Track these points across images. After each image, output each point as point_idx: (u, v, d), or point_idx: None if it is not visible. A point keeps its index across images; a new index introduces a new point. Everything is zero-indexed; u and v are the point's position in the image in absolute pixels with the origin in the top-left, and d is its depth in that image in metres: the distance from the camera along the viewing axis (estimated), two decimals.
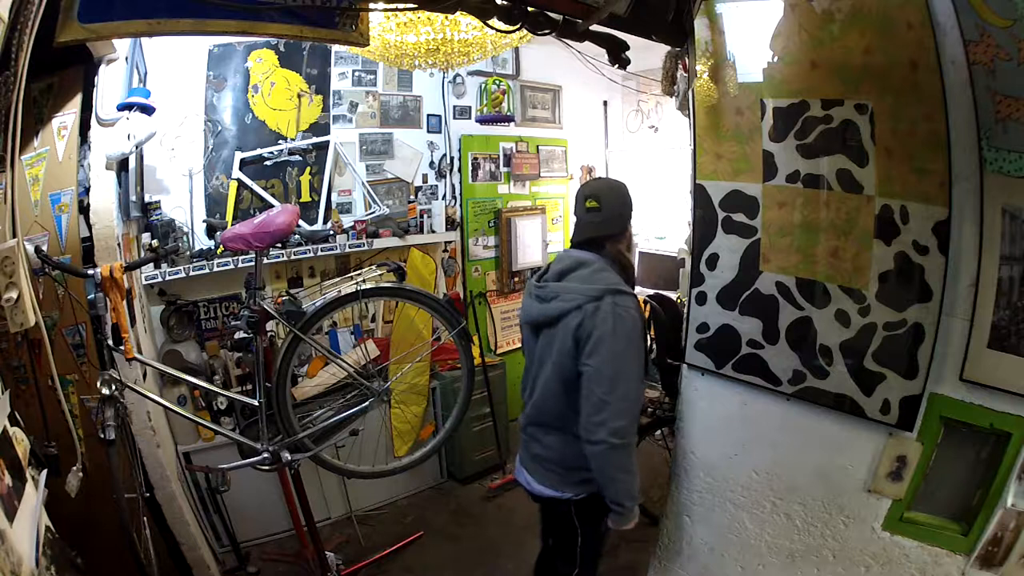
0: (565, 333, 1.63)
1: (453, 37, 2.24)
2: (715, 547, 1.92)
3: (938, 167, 1.36)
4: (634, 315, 1.63)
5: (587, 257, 1.71)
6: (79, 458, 1.69)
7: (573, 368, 1.63)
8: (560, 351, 1.65)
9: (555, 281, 1.72)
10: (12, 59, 1.24)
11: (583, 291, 1.63)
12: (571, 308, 1.62)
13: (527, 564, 2.77)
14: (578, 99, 4.40)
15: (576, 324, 1.60)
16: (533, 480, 1.82)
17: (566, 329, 1.63)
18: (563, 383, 1.67)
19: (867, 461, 1.55)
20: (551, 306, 1.68)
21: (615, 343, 1.56)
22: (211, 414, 2.68)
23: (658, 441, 3.08)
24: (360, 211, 3.26)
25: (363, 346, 3.08)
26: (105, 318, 1.78)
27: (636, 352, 1.63)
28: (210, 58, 2.69)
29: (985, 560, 1.38)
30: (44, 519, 1.22)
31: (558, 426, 1.72)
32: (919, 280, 1.42)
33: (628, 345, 1.59)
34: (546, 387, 1.72)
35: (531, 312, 1.77)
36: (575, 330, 1.60)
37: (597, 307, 1.59)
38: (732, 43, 1.69)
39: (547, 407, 1.74)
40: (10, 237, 1.32)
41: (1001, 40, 1.21)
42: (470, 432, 3.39)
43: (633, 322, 1.62)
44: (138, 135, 2.12)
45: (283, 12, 1.46)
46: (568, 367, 1.64)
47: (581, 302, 1.61)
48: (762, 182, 1.66)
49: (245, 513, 2.68)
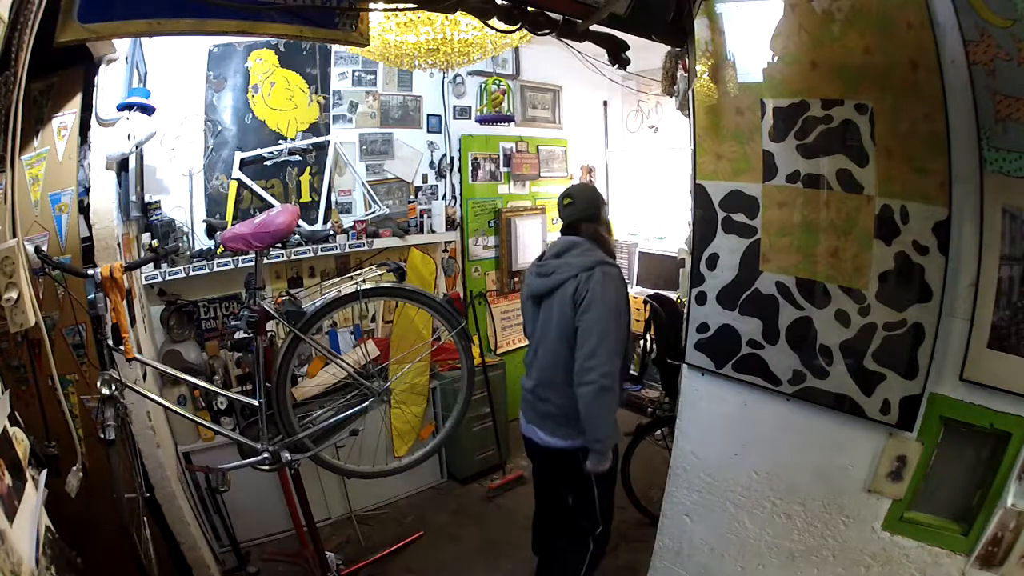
0: (563, 299, 1.95)
1: (453, 37, 2.24)
2: (715, 547, 1.92)
3: (938, 167, 1.36)
4: (618, 283, 1.97)
5: (577, 240, 2.05)
6: (79, 458, 1.69)
7: (572, 328, 1.93)
8: (560, 314, 1.96)
9: (554, 259, 2.05)
10: (12, 59, 1.24)
11: (578, 264, 1.96)
12: (568, 277, 1.95)
13: (527, 564, 2.78)
14: (578, 99, 4.40)
15: (573, 289, 1.93)
16: (544, 434, 2.06)
17: (564, 295, 1.95)
18: (566, 343, 1.96)
19: (867, 461, 1.55)
20: (551, 279, 2.00)
21: (605, 302, 1.89)
22: (211, 414, 2.68)
23: (658, 441, 3.08)
24: (360, 211, 3.26)
25: (363, 346, 3.09)
26: (105, 318, 1.78)
27: (622, 311, 1.96)
28: (210, 58, 2.69)
29: (985, 560, 1.38)
30: (44, 519, 1.22)
31: (568, 381, 1.95)
32: (919, 280, 1.42)
33: (616, 304, 1.93)
34: (552, 350, 2.00)
35: (533, 286, 2.09)
36: (572, 294, 1.93)
37: (590, 275, 1.92)
38: (732, 43, 1.68)
39: (554, 367, 2.00)
40: (10, 237, 1.31)
41: (1001, 40, 1.21)
42: (470, 432, 3.39)
43: (618, 287, 1.96)
44: (138, 135, 2.13)
45: (283, 12, 1.46)
46: (568, 328, 1.94)
47: (577, 271, 1.94)
48: (762, 182, 1.66)
49: (245, 513, 2.68)
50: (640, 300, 3.17)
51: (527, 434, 2.15)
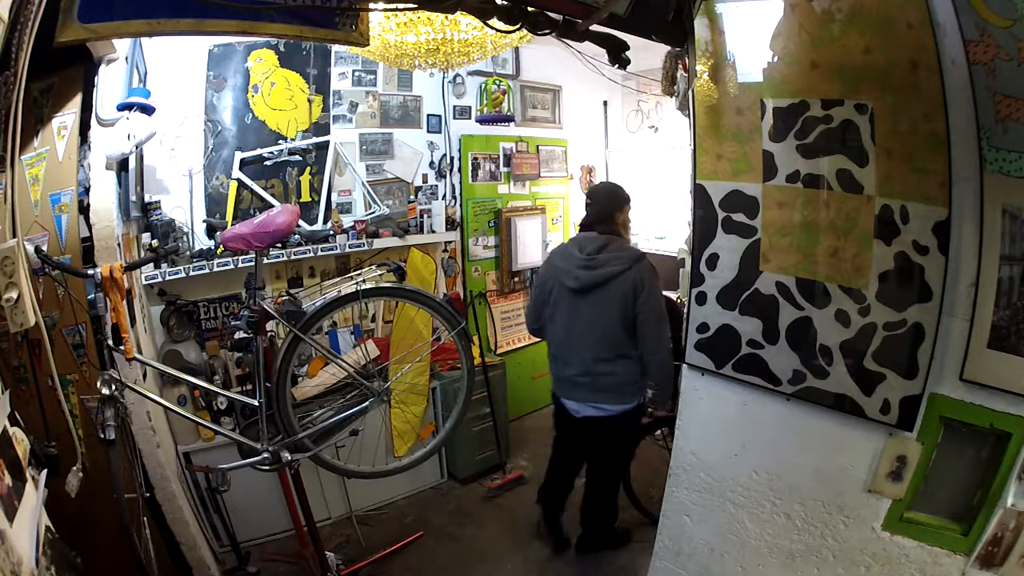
0: (623, 287, 2.30)
1: (453, 37, 2.24)
2: (715, 547, 1.92)
3: (938, 167, 1.35)
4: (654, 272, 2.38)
5: (606, 237, 2.40)
6: (79, 458, 1.69)
7: (632, 311, 2.31)
8: (621, 299, 2.31)
9: (597, 254, 2.37)
10: (12, 59, 1.24)
11: (626, 257, 2.33)
12: (623, 269, 2.31)
13: (527, 564, 2.78)
14: (578, 99, 4.40)
15: (632, 278, 2.30)
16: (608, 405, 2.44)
17: (623, 283, 2.30)
18: (623, 323, 2.33)
19: (867, 461, 1.54)
20: (601, 271, 2.33)
21: (656, 289, 2.33)
22: (211, 414, 2.68)
23: (658, 441, 3.09)
24: (360, 211, 3.26)
25: (363, 346, 3.09)
26: (105, 318, 1.78)
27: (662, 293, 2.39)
28: (210, 58, 2.69)
29: (985, 560, 1.38)
30: (44, 519, 1.22)
31: (624, 354, 2.37)
32: (919, 280, 1.42)
33: (660, 289, 2.36)
34: (609, 332, 2.36)
35: (582, 278, 2.37)
36: (633, 283, 2.29)
37: (641, 267, 2.32)
38: (732, 43, 1.68)
39: (612, 347, 2.37)
40: (10, 237, 1.31)
41: (1001, 40, 1.21)
42: (470, 432, 3.39)
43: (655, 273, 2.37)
44: (138, 135, 2.13)
45: (283, 12, 1.46)
46: (629, 310, 2.31)
47: (630, 264, 2.31)
48: (762, 182, 1.66)
49: (245, 513, 2.68)
50: None
51: (575, 412, 2.50)
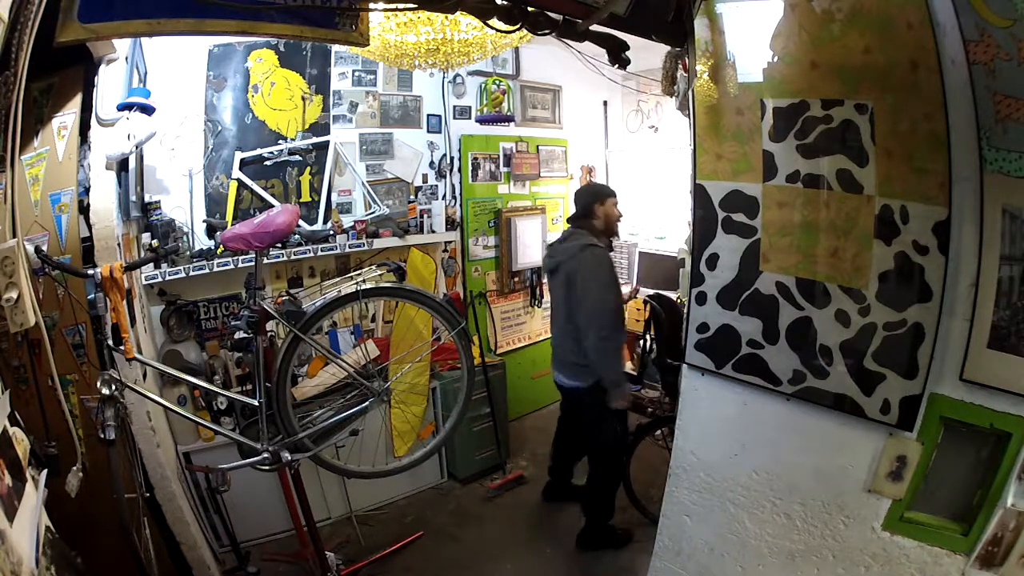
0: (566, 275, 2.61)
1: (453, 37, 2.24)
2: (715, 547, 1.92)
3: (938, 167, 1.35)
4: (601, 259, 2.59)
5: (575, 230, 2.74)
6: (79, 458, 1.69)
7: (571, 297, 2.58)
8: (566, 287, 2.61)
9: (558, 244, 2.75)
10: (12, 59, 1.24)
11: (572, 247, 2.63)
12: (566, 259, 2.63)
13: (527, 564, 2.78)
14: (578, 99, 4.40)
15: (568, 269, 2.60)
16: (564, 377, 2.78)
17: (566, 273, 2.61)
18: (568, 309, 2.63)
19: (867, 461, 1.55)
20: (552, 260, 2.72)
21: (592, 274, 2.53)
22: (211, 414, 2.68)
23: (658, 441, 3.09)
24: (360, 211, 3.26)
25: (363, 346, 3.09)
26: (105, 318, 1.78)
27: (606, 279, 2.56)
28: (210, 58, 2.69)
29: (985, 560, 1.38)
30: (44, 519, 1.22)
31: (574, 337, 2.61)
32: (919, 280, 1.42)
33: (598, 274, 2.54)
34: (562, 314, 2.70)
35: (545, 265, 2.86)
36: (569, 272, 2.59)
37: (582, 256, 2.56)
38: (732, 43, 1.68)
39: (563, 328, 2.69)
40: (10, 237, 1.31)
41: (1001, 40, 1.21)
42: (470, 432, 3.39)
43: (601, 262, 2.57)
44: (138, 135, 2.13)
45: (283, 12, 1.46)
46: (569, 297, 2.60)
47: (572, 253, 2.60)
48: (762, 182, 1.66)
49: (245, 513, 2.68)
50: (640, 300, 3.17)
51: (555, 379, 2.87)
